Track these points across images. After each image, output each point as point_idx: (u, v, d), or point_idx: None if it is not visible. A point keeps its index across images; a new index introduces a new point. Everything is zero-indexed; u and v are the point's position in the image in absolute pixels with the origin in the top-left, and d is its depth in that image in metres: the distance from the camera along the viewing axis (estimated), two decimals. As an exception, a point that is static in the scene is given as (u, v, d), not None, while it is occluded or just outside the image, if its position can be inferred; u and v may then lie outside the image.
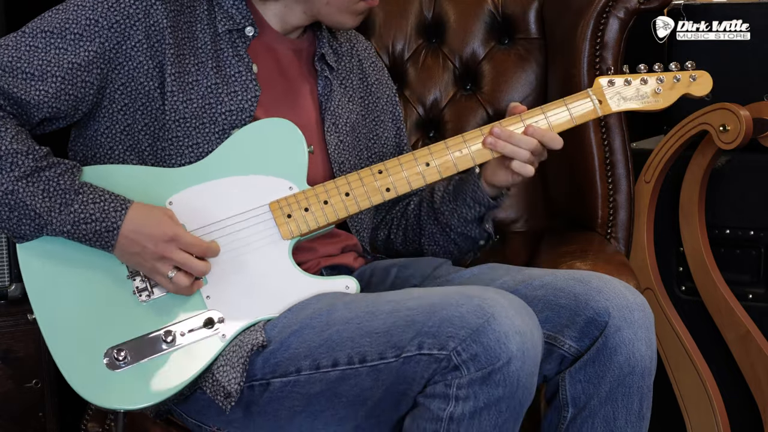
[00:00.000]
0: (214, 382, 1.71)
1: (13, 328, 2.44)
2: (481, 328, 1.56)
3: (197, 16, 1.84)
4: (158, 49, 1.79)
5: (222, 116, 1.81)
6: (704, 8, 2.59)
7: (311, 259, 1.89)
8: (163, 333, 1.72)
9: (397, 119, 2.14)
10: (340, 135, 1.97)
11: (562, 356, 1.76)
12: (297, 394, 1.69)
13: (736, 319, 2.59)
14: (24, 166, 1.67)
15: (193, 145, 1.80)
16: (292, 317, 1.72)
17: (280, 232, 1.78)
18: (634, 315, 1.72)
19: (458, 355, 1.57)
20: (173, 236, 1.69)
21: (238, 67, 1.84)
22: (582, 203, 2.40)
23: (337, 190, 1.81)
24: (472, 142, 1.87)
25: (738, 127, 2.45)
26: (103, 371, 1.70)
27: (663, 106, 1.92)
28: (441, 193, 2.01)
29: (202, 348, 1.72)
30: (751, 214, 2.60)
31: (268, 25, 1.91)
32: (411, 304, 1.64)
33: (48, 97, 1.73)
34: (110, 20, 1.76)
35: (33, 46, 1.74)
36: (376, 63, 2.13)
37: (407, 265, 1.96)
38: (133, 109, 1.80)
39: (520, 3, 2.54)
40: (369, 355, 1.63)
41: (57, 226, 1.68)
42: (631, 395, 1.72)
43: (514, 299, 1.64)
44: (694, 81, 1.92)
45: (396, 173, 1.84)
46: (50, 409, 2.48)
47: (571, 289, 1.76)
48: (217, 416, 1.77)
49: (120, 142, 1.81)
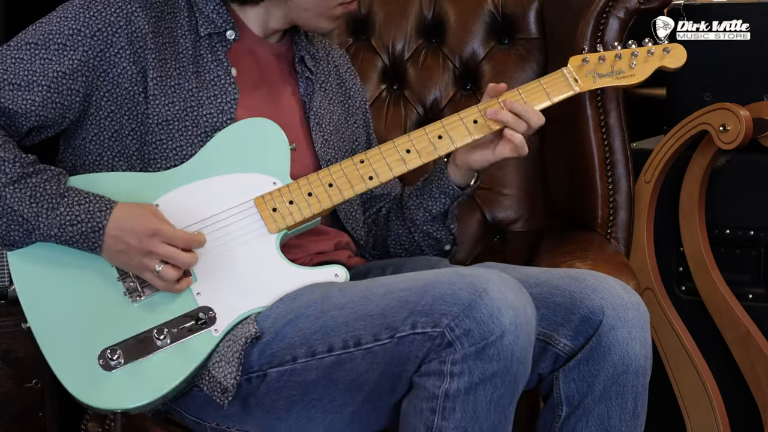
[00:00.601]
0: (211, 379, 1.72)
1: (13, 328, 2.44)
2: (473, 303, 1.58)
3: (178, 22, 1.88)
4: (141, 55, 1.82)
5: (203, 119, 1.83)
6: (704, 8, 2.59)
7: (303, 257, 1.90)
8: (156, 331, 1.73)
9: (368, 125, 2.18)
10: (325, 134, 1.99)
11: (557, 355, 1.76)
12: (294, 383, 1.70)
13: (736, 319, 2.58)
14: (11, 173, 1.71)
15: (177, 148, 1.82)
16: (285, 307, 1.73)
17: (267, 225, 1.79)
18: (628, 314, 1.73)
19: (451, 331, 1.58)
20: (155, 230, 1.71)
21: (217, 71, 1.87)
22: (582, 203, 2.40)
23: (320, 181, 1.83)
24: (450, 126, 1.89)
25: (738, 127, 2.45)
26: (98, 373, 1.71)
27: (638, 80, 1.94)
28: (410, 189, 2.05)
29: (195, 345, 1.73)
30: (751, 214, 2.60)
31: (248, 29, 1.94)
32: (404, 285, 1.65)
33: (35, 105, 1.77)
34: (92, 29, 1.80)
35: (18, 58, 1.78)
36: (351, 69, 2.17)
37: (403, 264, 1.97)
38: (119, 114, 1.83)
39: (520, 3, 2.54)
40: (364, 337, 1.64)
41: (44, 231, 1.71)
42: (625, 394, 1.73)
43: (506, 277, 1.65)
44: (668, 53, 1.94)
45: (377, 161, 1.86)
46: (50, 409, 2.48)
47: (567, 287, 1.77)
48: (216, 411, 1.78)
49: (108, 148, 1.84)
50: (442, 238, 2.04)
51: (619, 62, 1.93)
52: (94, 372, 1.71)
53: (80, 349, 1.72)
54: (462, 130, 1.89)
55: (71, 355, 1.72)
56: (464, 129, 1.89)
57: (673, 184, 2.65)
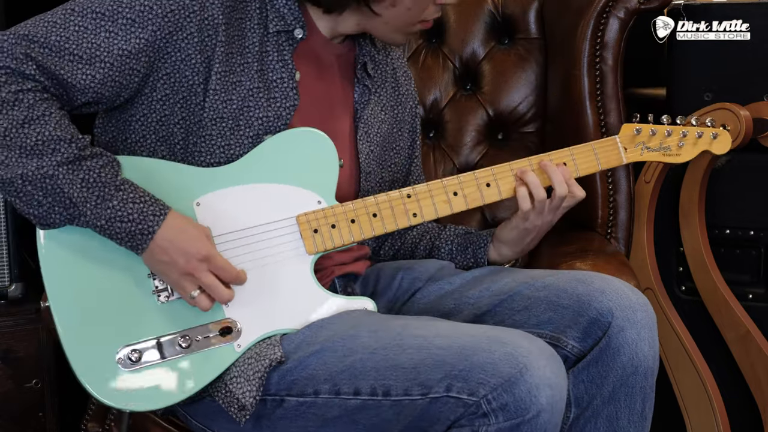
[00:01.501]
0: (228, 393, 1.69)
1: (13, 328, 2.43)
2: (513, 378, 1.55)
3: (248, 13, 1.80)
4: (209, 44, 1.74)
5: (258, 121, 1.77)
6: (704, 8, 2.59)
7: (326, 267, 1.88)
8: (179, 337, 1.69)
9: (414, 131, 2.11)
10: (371, 144, 1.94)
11: (565, 357, 1.76)
12: (312, 416, 1.68)
13: (736, 319, 2.59)
14: (66, 153, 1.63)
15: (225, 146, 1.76)
16: (311, 335, 1.70)
17: (305, 246, 1.76)
18: (637, 315, 1.72)
19: (488, 403, 1.56)
20: (206, 256, 1.66)
21: (281, 73, 1.80)
22: (582, 203, 2.38)
23: (366, 209, 1.80)
24: (500, 176, 1.87)
25: (738, 127, 2.45)
26: (114, 369, 1.67)
27: (683, 161, 1.98)
28: (449, 233, 2.04)
29: (215, 356, 1.70)
30: (751, 214, 2.60)
31: (316, 29, 1.86)
32: (439, 342, 1.61)
33: (95, 82, 1.68)
34: (165, 8, 1.71)
35: (83, 27, 1.68)
36: (407, 72, 2.10)
37: (412, 267, 1.96)
38: (173, 100, 1.75)
39: (520, 3, 2.54)
40: (393, 389, 1.61)
41: (90, 219, 1.64)
42: (633, 395, 1.73)
43: (543, 347, 1.62)
44: (715, 139, 1.96)
45: (424, 199, 1.83)
46: (50, 409, 2.47)
47: (574, 290, 1.76)
48: (226, 424, 1.75)
49: (154, 131, 1.77)
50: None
51: (668, 139, 1.94)
52: (110, 367, 1.67)
53: (100, 341, 1.68)
54: (511, 185, 1.87)
55: (90, 345, 1.67)
56: (513, 180, 1.87)
57: (673, 184, 2.65)
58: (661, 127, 1.95)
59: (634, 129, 1.94)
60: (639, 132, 1.94)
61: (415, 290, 1.92)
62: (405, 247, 2.09)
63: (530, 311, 1.78)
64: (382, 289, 1.95)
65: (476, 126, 2.55)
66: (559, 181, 1.86)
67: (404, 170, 2.07)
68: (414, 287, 1.92)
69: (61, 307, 1.68)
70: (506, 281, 1.83)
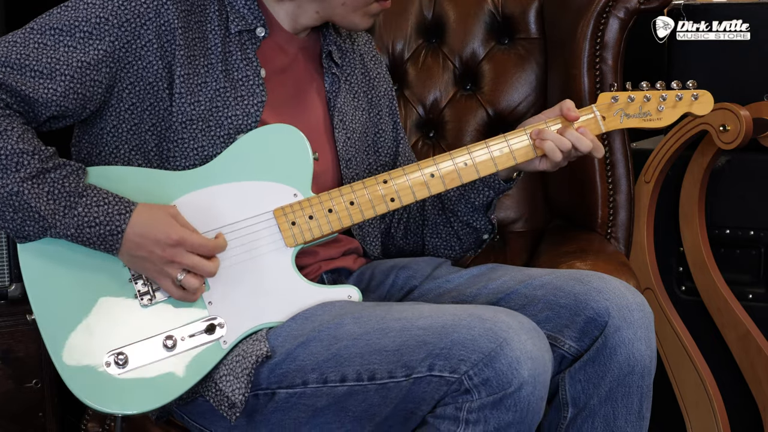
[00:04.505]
0: (218, 392, 1.70)
1: (13, 328, 2.43)
2: (493, 352, 1.56)
3: (208, 15, 1.82)
4: (168, 50, 1.77)
5: (228, 120, 1.80)
6: (704, 8, 2.59)
7: (312, 263, 1.89)
8: (164, 337, 1.70)
9: (394, 112, 2.13)
10: (348, 132, 1.96)
11: (562, 356, 1.76)
12: (303, 406, 1.69)
13: (736, 319, 2.59)
14: (30, 167, 1.65)
15: (198, 148, 1.78)
16: (296, 327, 1.71)
17: (284, 239, 1.77)
18: (633, 315, 1.72)
19: (470, 379, 1.57)
20: (179, 240, 1.67)
21: (246, 71, 1.83)
22: (582, 203, 2.40)
23: (342, 198, 1.80)
24: (476, 153, 1.86)
25: (738, 127, 2.45)
26: (102, 375, 1.68)
27: (664, 125, 1.93)
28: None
29: (203, 355, 1.71)
30: (751, 214, 2.60)
31: (278, 24, 1.89)
32: (422, 323, 1.63)
33: (57, 95, 1.71)
34: (120, 18, 1.74)
35: (42, 44, 1.71)
36: (376, 56, 2.12)
37: (407, 266, 1.96)
38: (140, 108, 1.78)
39: (520, 3, 2.54)
40: (378, 372, 1.63)
41: (60, 229, 1.67)
42: (630, 395, 1.73)
43: (524, 320, 1.63)
44: (696, 100, 1.93)
45: (400, 183, 1.83)
46: (50, 409, 2.47)
47: (571, 289, 1.76)
48: (220, 422, 1.77)
49: (126, 141, 1.79)
50: (482, 227, 2.01)
51: (647, 104, 1.91)
52: (98, 374, 1.68)
53: (86, 349, 1.69)
54: (489, 163, 1.86)
55: (76, 353, 1.69)
56: (491, 161, 1.87)
57: (673, 184, 2.65)
58: (639, 92, 1.92)
59: (611, 97, 1.91)
60: (617, 100, 1.91)
61: (411, 288, 1.92)
62: (413, 214, 2.08)
63: (527, 310, 1.77)
64: (375, 286, 1.95)
65: (476, 126, 2.55)
66: (577, 137, 1.86)
67: (392, 152, 2.09)
68: (409, 285, 1.93)
69: (45, 318, 1.70)
70: (504, 280, 1.83)
